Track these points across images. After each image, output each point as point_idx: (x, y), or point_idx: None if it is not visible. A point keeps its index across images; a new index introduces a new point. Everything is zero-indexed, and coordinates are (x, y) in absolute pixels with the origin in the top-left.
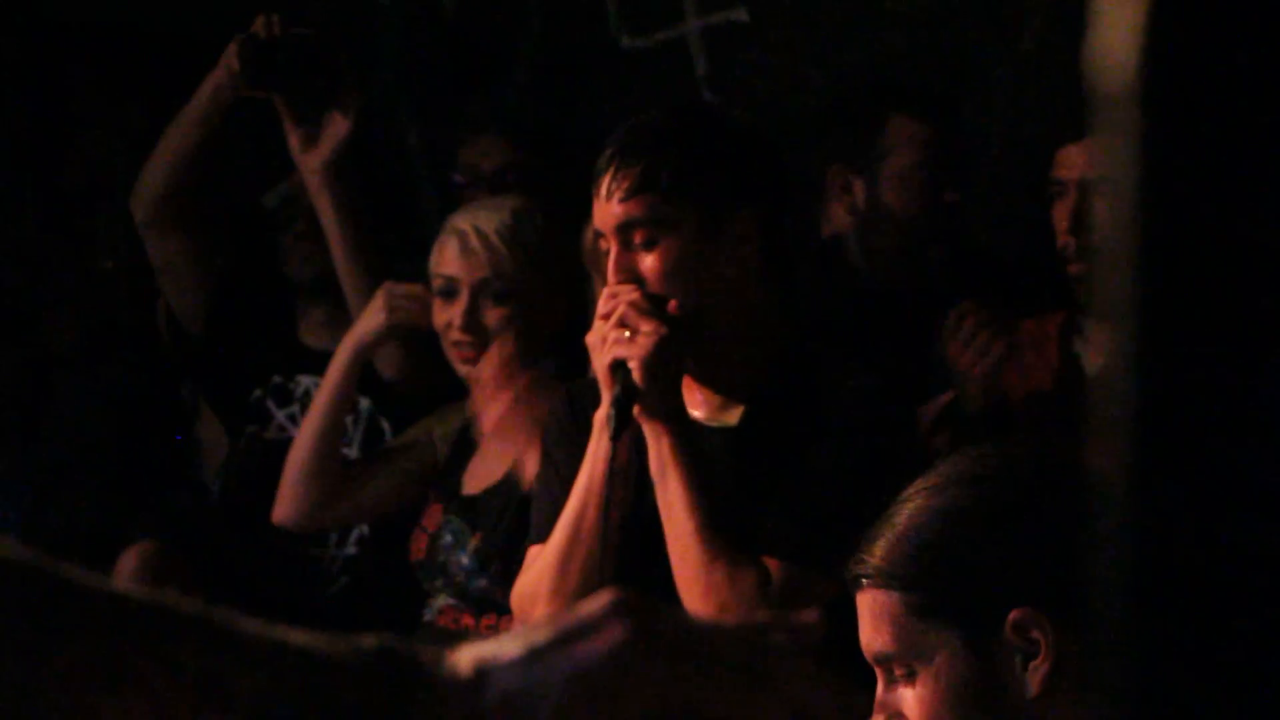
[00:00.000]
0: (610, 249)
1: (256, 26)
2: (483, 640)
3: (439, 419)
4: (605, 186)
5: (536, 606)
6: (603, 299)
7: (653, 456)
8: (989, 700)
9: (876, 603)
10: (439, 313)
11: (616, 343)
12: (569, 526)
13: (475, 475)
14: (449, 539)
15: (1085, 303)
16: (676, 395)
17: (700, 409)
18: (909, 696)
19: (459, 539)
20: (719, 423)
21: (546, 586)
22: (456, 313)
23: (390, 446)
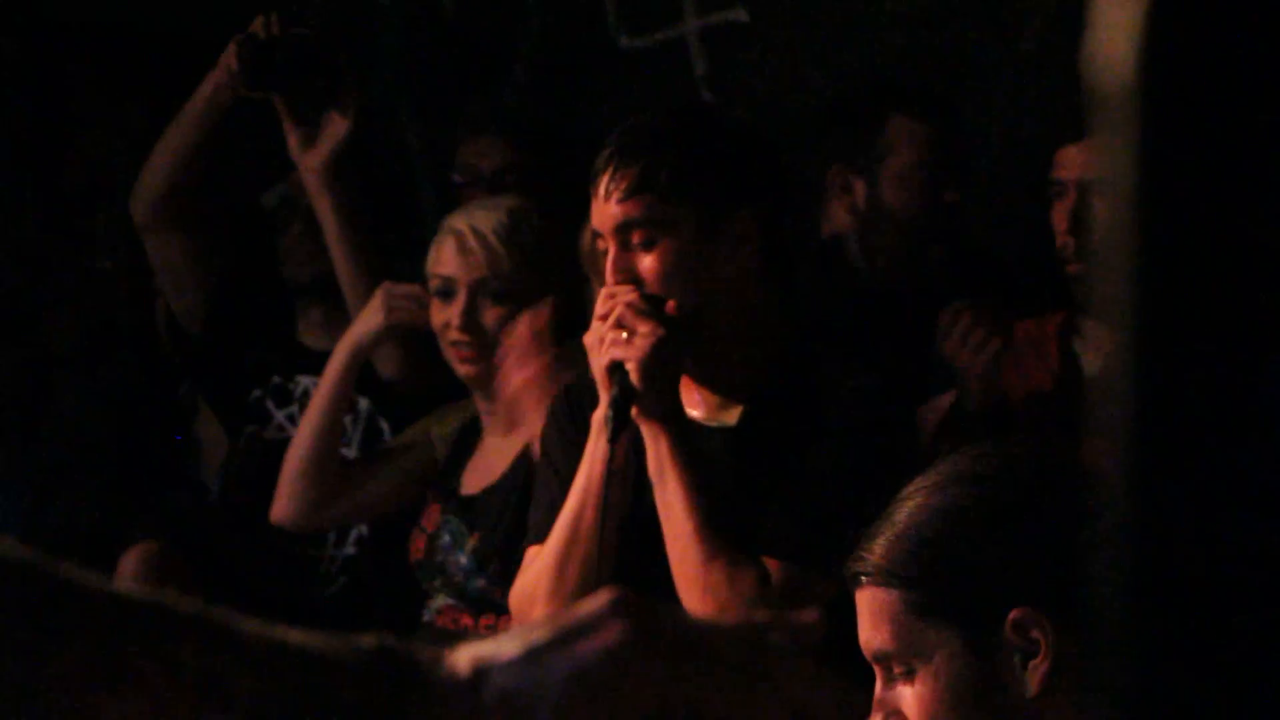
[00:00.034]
0: (608, 249)
1: (256, 27)
2: (481, 640)
3: (437, 419)
4: (603, 187)
5: (535, 607)
6: (600, 299)
7: (651, 457)
8: (988, 699)
9: (876, 601)
10: (436, 313)
11: (614, 344)
12: (567, 527)
13: (474, 475)
14: (447, 539)
15: (1084, 303)
16: (674, 396)
17: (699, 409)
18: (908, 695)
19: (457, 539)
20: (718, 422)
21: (545, 587)
22: (455, 313)
23: (389, 446)
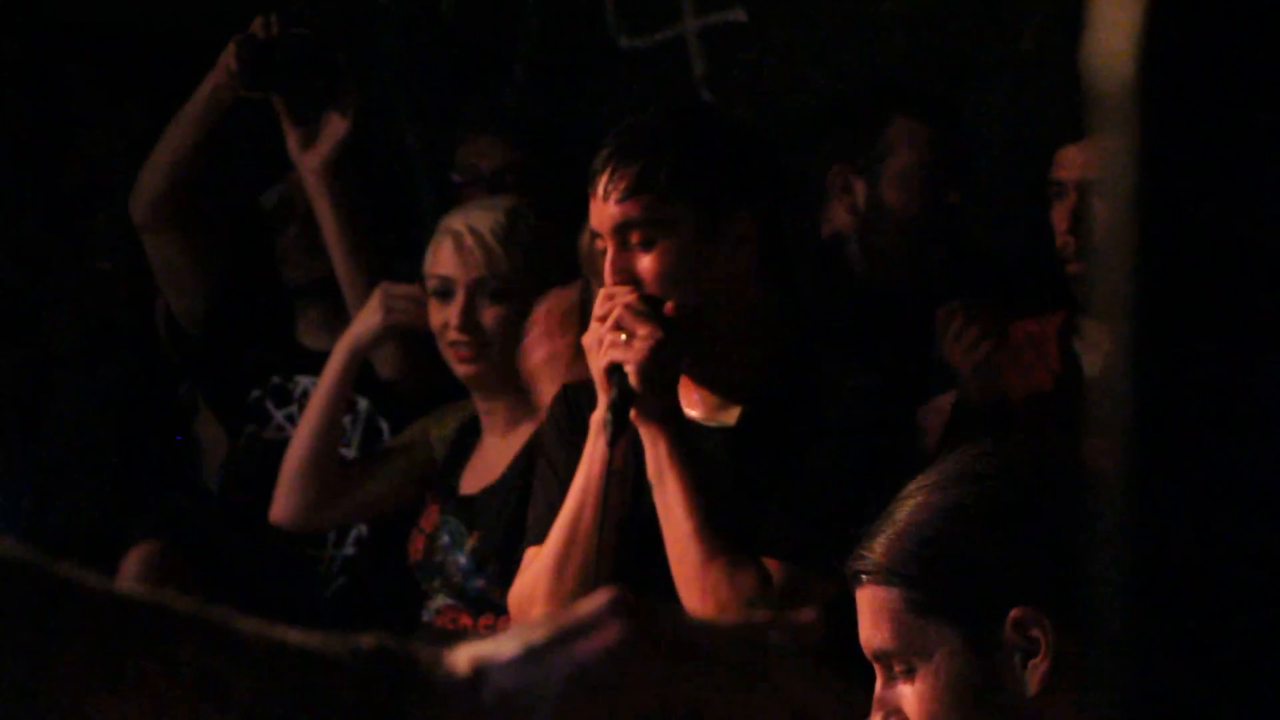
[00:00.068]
0: (607, 249)
1: (255, 27)
2: (480, 640)
3: (435, 420)
4: (602, 187)
5: (533, 608)
6: (599, 300)
7: (650, 459)
8: (988, 698)
9: (876, 599)
10: (435, 313)
11: (613, 346)
12: (566, 528)
13: (473, 475)
14: (446, 539)
15: (1084, 303)
16: (673, 398)
17: (698, 409)
18: (908, 693)
19: (456, 539)
20: (717, 423)
21: (543, 588)
22: (453, 313)
23: (388, 446)
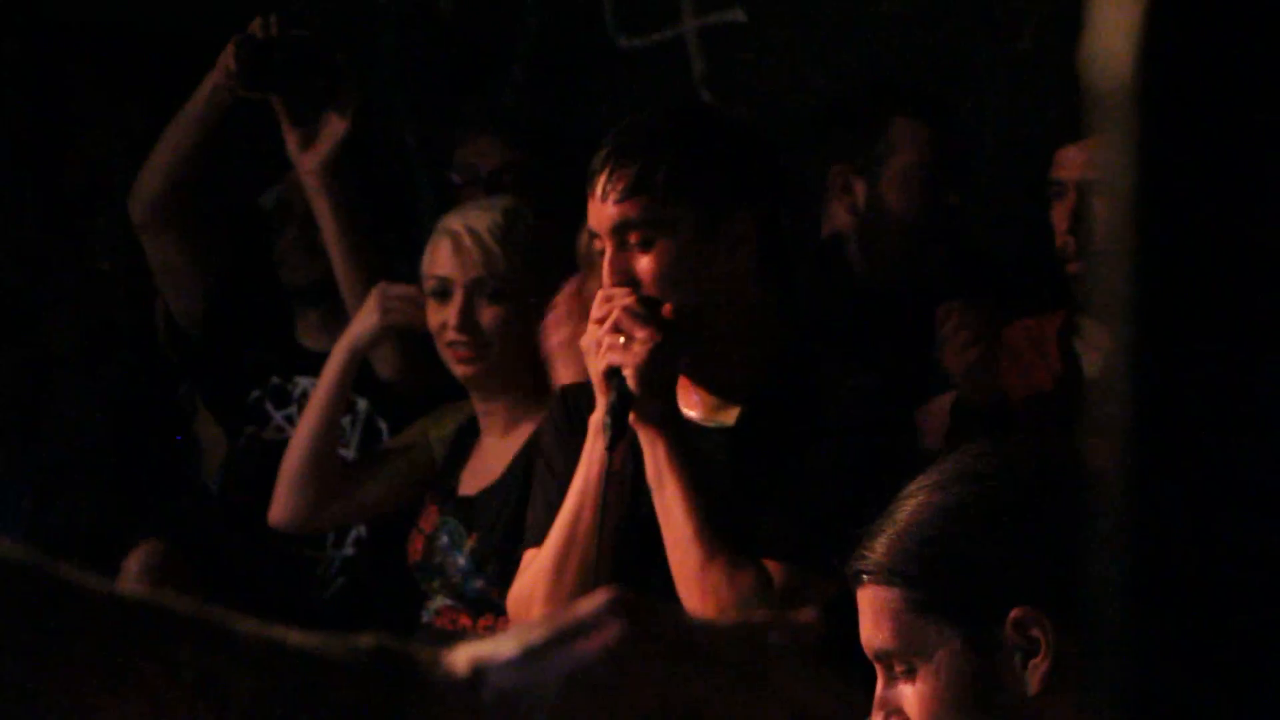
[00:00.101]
0: (605, 250)
1: (254, 27)
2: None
3: (434, 420)
4: (600, 187)
5: (532, 609)
6: (597, 302)
7: (649, 462)
8: (988, 698)
9: (877, 599)
10: (433, 314)
11: (611, 348)
12: (565, 529)
13: (472, 476)
14: (445, 540)
15: (1084, 303)
16: (671, 400)
17: (697, 409)
18: (909, 693)
19: (455, 540)
20: (716, 423)
21: (542, 590)
22: (452, 313)
23: (387, 447)
